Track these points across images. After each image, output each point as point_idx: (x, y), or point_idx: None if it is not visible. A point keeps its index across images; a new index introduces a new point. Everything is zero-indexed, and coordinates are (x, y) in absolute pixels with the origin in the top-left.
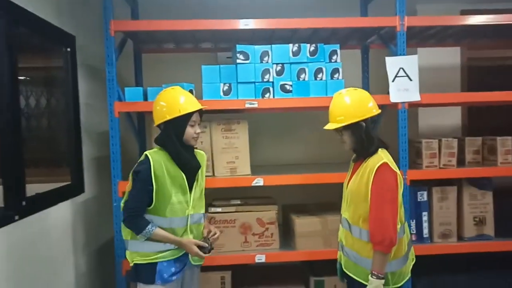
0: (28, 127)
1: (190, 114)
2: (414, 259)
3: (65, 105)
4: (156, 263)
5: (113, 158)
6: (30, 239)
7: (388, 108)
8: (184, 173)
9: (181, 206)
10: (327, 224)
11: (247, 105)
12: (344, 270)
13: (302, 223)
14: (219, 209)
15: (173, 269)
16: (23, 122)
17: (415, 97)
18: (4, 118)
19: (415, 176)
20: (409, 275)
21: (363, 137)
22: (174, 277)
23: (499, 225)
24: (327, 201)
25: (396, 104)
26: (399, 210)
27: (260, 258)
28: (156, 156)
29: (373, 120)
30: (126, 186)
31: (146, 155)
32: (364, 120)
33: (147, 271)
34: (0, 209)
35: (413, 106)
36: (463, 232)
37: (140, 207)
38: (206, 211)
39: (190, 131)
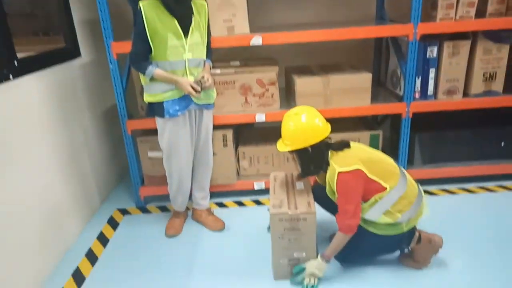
0: None
1: None
2: (427, 211)
3: None
4: (163, 102)
5: (102, 17)
6: (29, 101)
7: None
8: (177, 20)
9: (177, 50)
10: (329, 83)
11: None
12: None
13: (303, 83)
14: (218, 71)
15: (177, 107)
16: None
17: None
18: None
19: (426, 30)
20: (419, 218)
21: (311, 160)
22: (178, 113)
23: (508, 81)
24: (331, 62)
25: None
26: (391, 176)
27: (261, 117)
28: (148, 5)
29: (324, 143)
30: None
31: (139, 4)
32: (311, 146)
33: (158, 107)
34: None
35: None
36: (470, 88)
37: (140, 51)
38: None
39: None
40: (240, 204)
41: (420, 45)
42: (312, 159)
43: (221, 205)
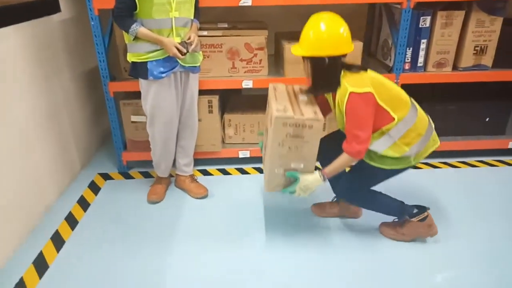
0: None
1: None
2: (438, 143)
3: None
4: (146, 62)
5: None
6: (4, 56)
7: None
8: None
9: (164, 8)
10: None
11: None
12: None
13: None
14: (205, 33)
15: (161, 69)
16: None
17: None
18: None
19: None
20: (429, 152)
21: (324, 73)
22: (163, 75)
23: (499, 55)
24: None
25: None
26: (400, 106)
27: (247, 84)
28: None
29: (340, 60)
30: None
31: None
32: (329, 57)
33: (141, 68)
34: None
35: None
36: (460, 62)
37: (124, 7)
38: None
39: None
40: (224, 172)
41: (413, 14)
42: (326, 72)
43: (205, 172)
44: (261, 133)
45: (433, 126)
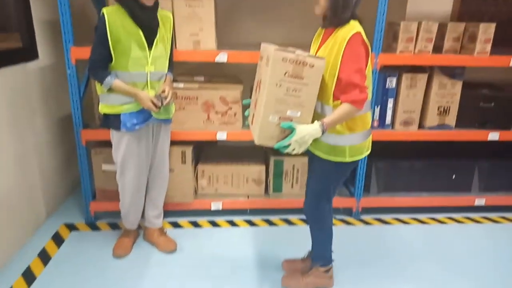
0: None
1: None
2: (366, 153)
3: None
4: (119, 114)
5: (63, 20)
6: None
7: None
8: (142, 30)
9: (140, 62)
10: None
11: None
12: (309, 148)
13: None
14: (181, 85)
15: (134, 120)
16: None
17: None
18: None
19: (387, 61)
20: (368, 152)
21: (340, 2)
22: (136, 127)
23: (461, 116)
24: None
25: None
26: (368, 86)
27: (222, 136)
28: (112, 12)
29: None
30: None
31: (102, 10)
32: None
33: (114, 120)
34: None
35: None
36: (425, 121)
37: (100, 60)
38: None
39: None
40: (196, 224)
41: (380, 75)
42: (344, 1)
43: (175, 224)
44: (248, 102)
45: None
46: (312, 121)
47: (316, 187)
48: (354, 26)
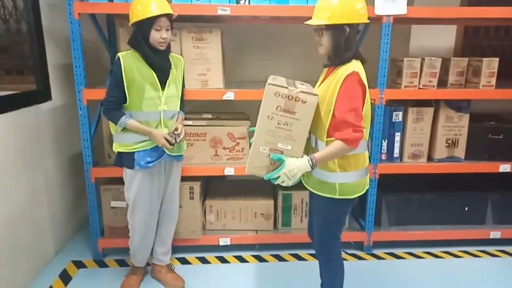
0: None
1: (155, 18)
2: (361, 192)
3: (23, 6)
4: (134, 152)
5: (75, 64)
6: None
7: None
8: (155, 72)
9: (153, 102)
10: None
11: (219, 12)
12: (303, 183)
13: None
14: (189, 122)
15: (148, 158)
16: None
17: (401, 10)
18: None
19: (392, 96)
20: (363, 190)
21: (342, 43)
22: (150, 165)
23: (470, 148)
24: None
25: (381, 18)
26: (366, 126)
27: (229, 171)
28: (127, 56)
29: (357, 30)
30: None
31: (117, 55)
32: (349, 25)
33: (127, 158)
34: None
35: (401, 23)
36: (434, 153)
37: (114, 101)
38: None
39: (155, 35)
40: (204, 260)
41: (386, 109)
42: (346, 41)
43: (183, 261)
44: (253, 129)
45: (368, 171)
46: (307, 154)
47: (321, 227)
48: (353, 65)
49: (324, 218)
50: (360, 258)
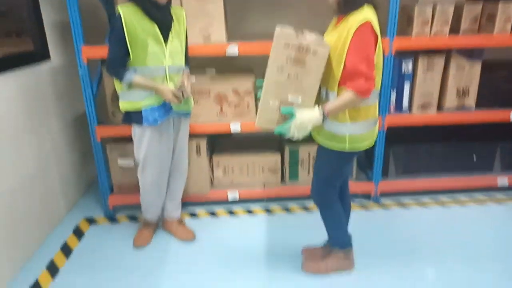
0: None
1: None
2: (368, 144)
3: None
4: (141, 110)
5: (72, 21)
6: None
7: None
8: (157, 25)
9: (158, 56)
10: None
11: None
12: (312, 136)
13: None
14: (193, 79)
15: (156, 114)
16: None
17: None
18: None
19: (401, 44)
20: (371, 142)
21: None
22: (158, 121)
23: (481, 97)
24: None
25: None
26: (377, 77)
27: (235, 127)
28: (127, 10)
29: None
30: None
31: (117, 10)
32: None
33: (135, 116)
34: None
35: None
36: (444, 103)
37: (117, 57)
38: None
39: None
40: (213, 214)
41: (395, 59)
42: None
43: (193, 215)
44: (261, 82)
45: (378, 123)
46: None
47: (320, 174)
48: (365, 14)
49: (327, 167)
50: (367, 208)
